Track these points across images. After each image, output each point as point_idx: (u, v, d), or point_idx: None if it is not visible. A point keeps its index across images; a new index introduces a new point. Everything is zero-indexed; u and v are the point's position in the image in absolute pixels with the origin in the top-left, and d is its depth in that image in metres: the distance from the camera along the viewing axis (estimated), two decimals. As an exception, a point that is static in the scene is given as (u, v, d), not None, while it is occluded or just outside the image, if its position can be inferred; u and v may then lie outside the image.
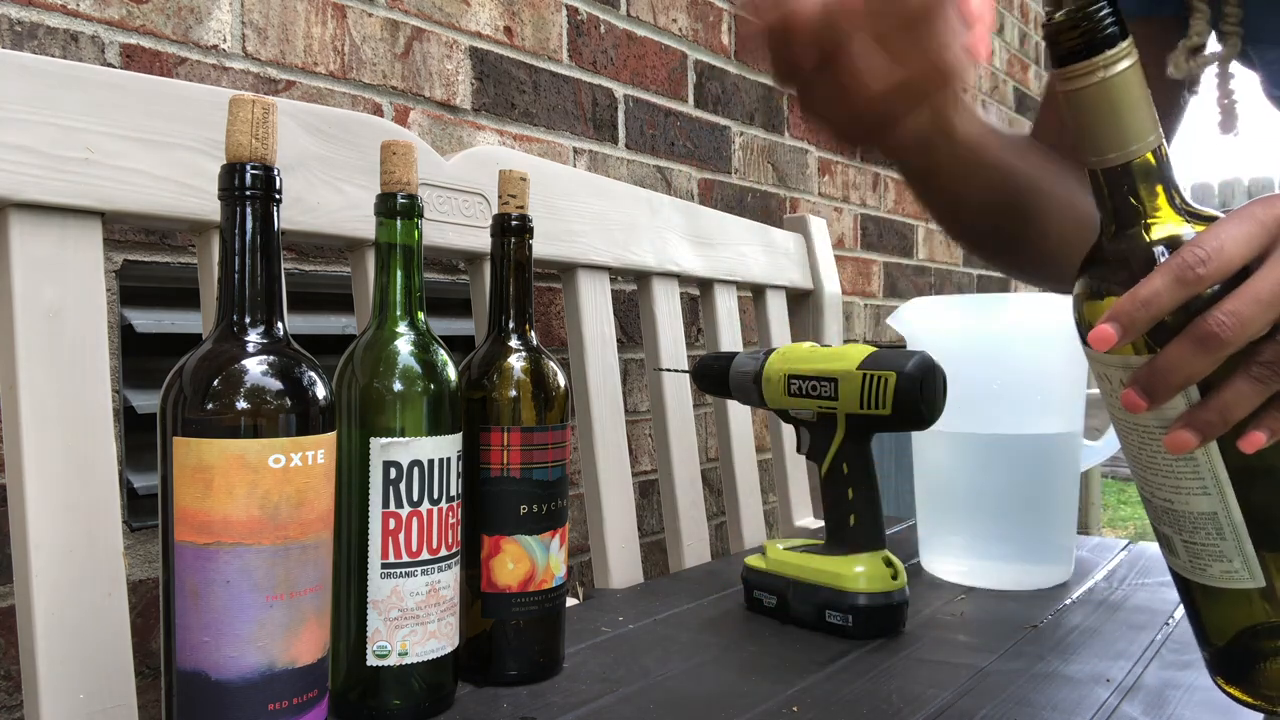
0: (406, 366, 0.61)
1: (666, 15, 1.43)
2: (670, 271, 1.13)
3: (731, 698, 0.65)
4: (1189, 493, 0.49)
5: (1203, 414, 0.46)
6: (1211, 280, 0.45)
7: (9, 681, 0.77)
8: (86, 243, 0.63)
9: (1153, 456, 0.49)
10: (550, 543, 0.68)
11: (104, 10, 0.81)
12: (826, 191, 1.84)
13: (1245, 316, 0.44)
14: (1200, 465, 0.48)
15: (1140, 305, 0.45)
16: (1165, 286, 0.45)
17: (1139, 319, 0.46)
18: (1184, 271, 0.45)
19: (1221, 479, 0.48)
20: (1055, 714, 0.62)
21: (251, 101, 0.51)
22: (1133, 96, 0.47)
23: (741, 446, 1.22)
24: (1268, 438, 0.46)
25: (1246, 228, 0.46)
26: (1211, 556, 0.49)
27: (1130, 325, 0.46)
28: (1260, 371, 0.45)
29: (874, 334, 2.01)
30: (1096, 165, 0.49)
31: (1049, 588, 0.92)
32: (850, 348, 0.80)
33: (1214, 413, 0.46)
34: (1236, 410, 0.46)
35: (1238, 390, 0.45)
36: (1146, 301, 0.45)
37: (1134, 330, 0.46)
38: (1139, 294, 0.45)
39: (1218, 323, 0.44)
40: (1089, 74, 0.47)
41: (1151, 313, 0.45)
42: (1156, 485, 0.50)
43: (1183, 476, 0.49)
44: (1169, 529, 0.51)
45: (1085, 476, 2.51)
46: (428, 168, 0.84)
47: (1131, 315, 0.46)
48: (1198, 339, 0.45)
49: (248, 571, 0.49)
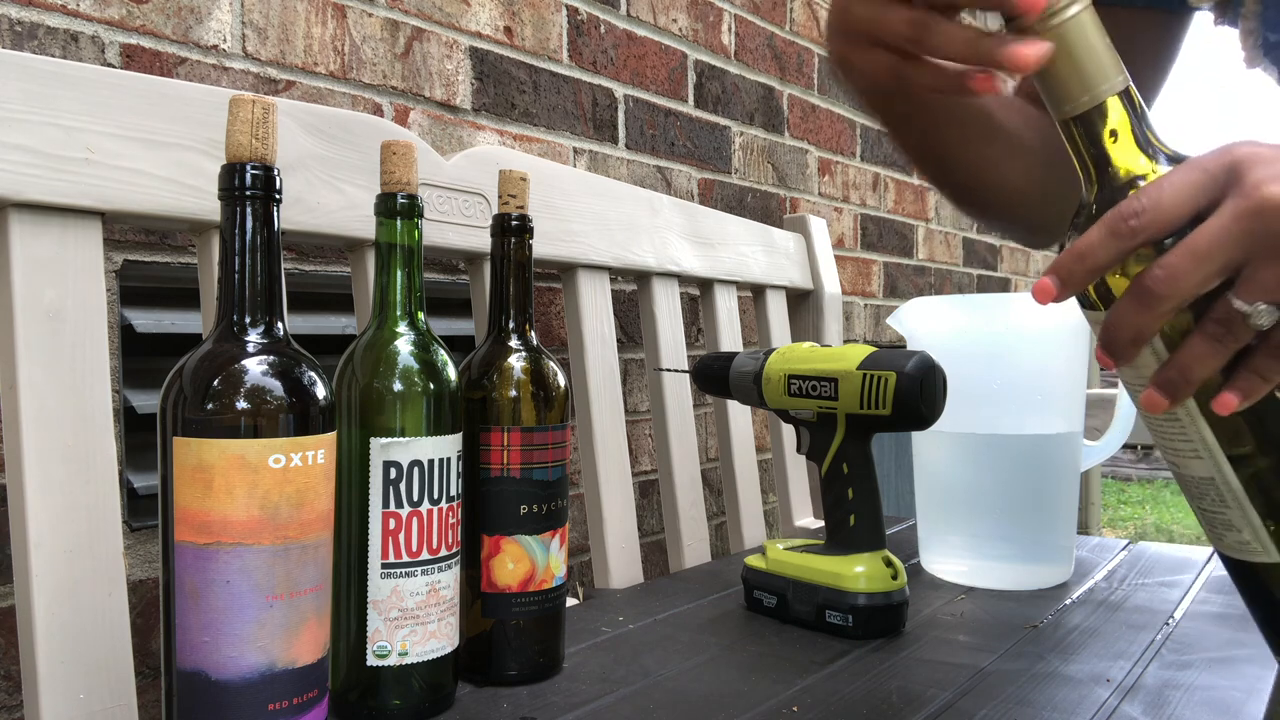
0: (406, 366, 0.61)
1: (666, 15, 1.43)
2: (670, 271, 1.13)
3: (731, 698, 0.65)
4: (1184, 454, 0.48)
5: (1164, 373, 0.46)
6: (1147, 233, 0.44)
7: (9, 681, 0.77)
8: (86, 243, 0.63)
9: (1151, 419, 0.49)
10: (550, 543, 0.68)
11: (104, 10, 0.81)
12: (826, 191, 1.84)
13: (1177, 268, 0.43)
14: (1186, 426, 0.47)
15: (1076, 258, 0.45)
16: (1100, 240, 0.44)
17: (1075, 272, 0.45)
18: (1117, 224, 0.44)
19: (1209, 442, 0.47)
20: (1055, 714, 0.62)
21: (251, 101, 0.51)
22: (1088, 40, 0.46)
23: (741, 446, 1.22)
24: (1239, 400, 0.45)
25: (1191, 177, 0.44)
26: (1222, 525, 0.49)
27: (1068, 279, 0.45)
28: (1214, 329, 0.44)
29: (874, 334, 2.01)
30: (1065, 115, 0.48)
31: (1049, 588, 0.92)
32: (850, 348, 0.80)
33: (1174, 370, 0.45)
34: (1195, 369, 0.45)
35: (1193, 349, 0.45)
36: (1081, 255, 0.45)
37: (1072, 283, 0.45)
38: (1077, 247, 0.45)
39: (1151, 277, 0.44)
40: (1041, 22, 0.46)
41: (1087, 265, 0.45)
42: (1164, 448, 0.50)
43: (1174, 438, 0.48)
44: (1189, 497, 0.51)
45: (1085, 476, 2.51)
46: (428, 168, 0.84)
47: (1069, 268, 0.45)
48: (1136, 294, 0.44)
49: (248, 571, 0.49)
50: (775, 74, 1.68)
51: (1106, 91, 0.47)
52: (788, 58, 1.72)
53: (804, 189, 1.77)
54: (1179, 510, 4.75)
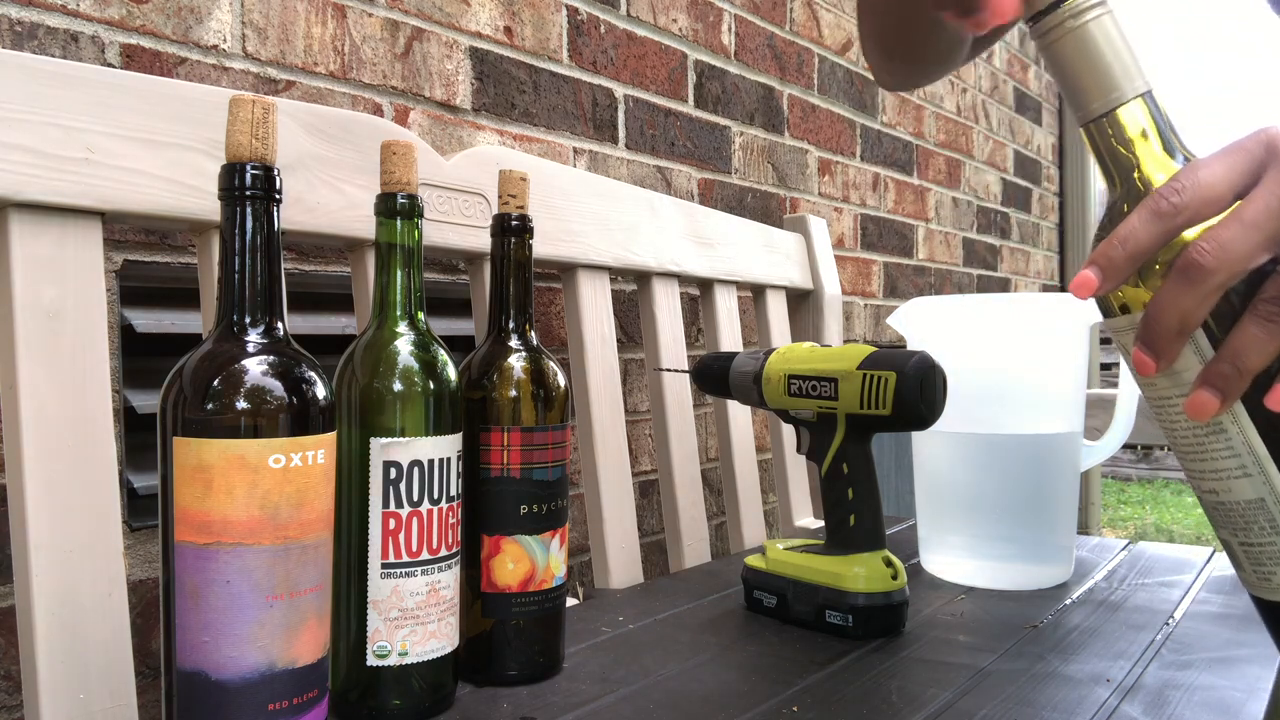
0: (406, 366, 0.61)
1: (666, 15, 1.43)
2: (670, 271, 1.13)
3: (731, 698, 0.65)
4: (1229, 476, 0.45)
5: (1215, 367, 0.43)
6: (1189, 211, 0.42)
7: (9, 681, 0.77)
8: (86, 243, 0.63)
9: (1186, 437, 0.46)
10: (550, 543, 0.68)
11: (104, 10, 0.81)
12: (826, 191, 1.84)
13: (1226, 239, 0.41)
14: (1233, 438, 0.44)
15: (1116, 245, 0.43)
16: (1141, 222, 0.43)
17: (1116, 259, 0.43)
18: (1158, 204, 0.43)
19: (1259, 453, 0.44)
20: (1055, 714, 0.62)
21: (251, 101, 0.51)
22: (1106, 44, 0.46)
23: (741, 446, 1.22)
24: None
25: (1229, 158, 0.43)
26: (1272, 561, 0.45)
27: (1109, 266, 0.44)
28: (1268, 310, 0.42)
29: (874, 334, 2.01)
30: (1086, 119, 0.47)
31: (1049, 588, 0.92)
32: (850, 348, 0.80)
33: (1226, 363, 0.42)
34: (1250, 356, 0.42)
35: (1246, 334, 0.42)
36: (1123, 239, 0.43)
37: (1114, 272, 0.43)
38: (1117, 234, 0.43)
39: (1198, 249, 0.42)
40: (1060, 25, 0.46)
41: (1129, 250, 0.43)
42: (1200, 473, 0.46)
43: (1218, 456, 0.45)
44: (1227, 533, 0.47)
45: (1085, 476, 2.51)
46: (428, 168, 0.84)
47: (1109, 256, 0.44)
48: (1181, 271, 0.42)
49: (248, 571, 0.49)
50: (775, 74, 1.68)
51: (1130, 93, 0.46)
52: (788, 58, 1.72)
53: (804, 189, 1.77)
54: (1179, 510, 4.75)
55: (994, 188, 2.64)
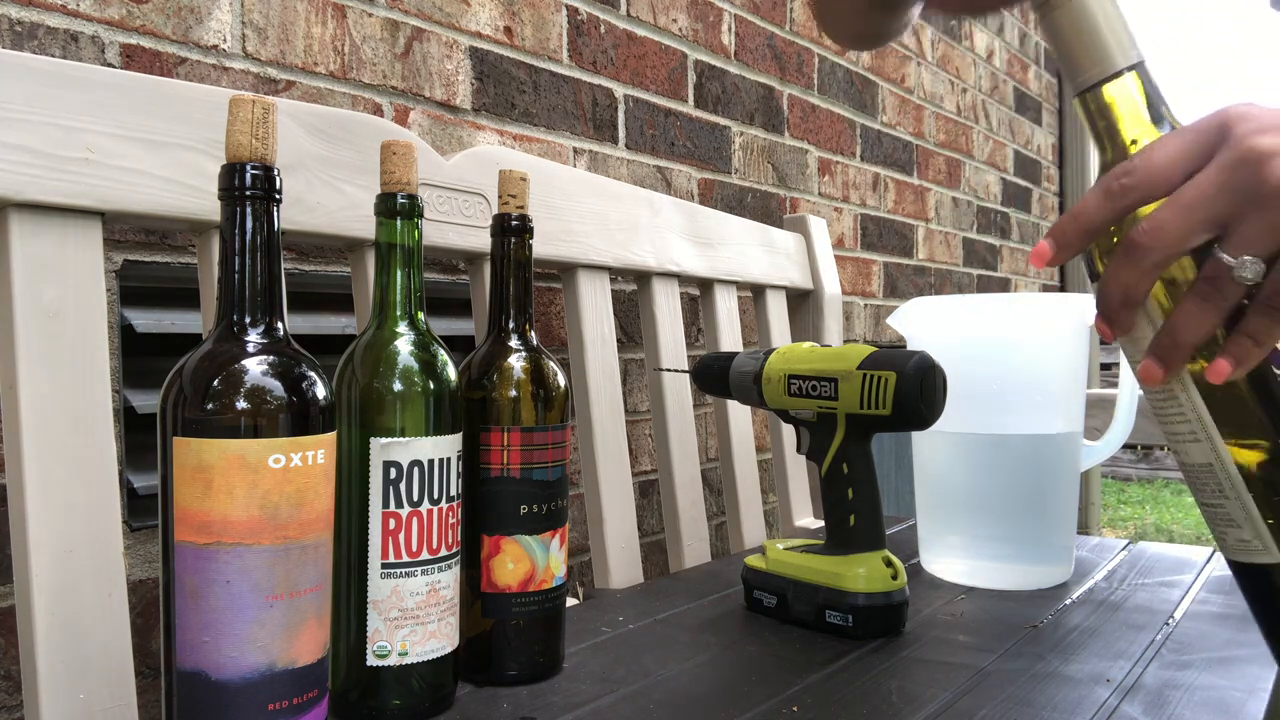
0: (406, 366, 0.61)
1: (666, 15, 1.43)
2: (670, 271, 1.13)
3: (731, 698, 0.65)
4: (1184, 439, 0.48)
5: (1158, 338, 0.46)
6: (1138, 192, 0.44)
7: (9, 681, 0.77)
8: (86, 243, 0.63)
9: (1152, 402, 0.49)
10: (550, 543, 0.68)
11: (104, 10, 0.81)
12: (826, 191, 1.84)
13: (1162, 221, 0.44)
14: (1184, 405, 0.47)
15: (1070, 219, 0.46)
16: (1093, 200, 0.45)
17: (1069, 233, 0.46)
18: (1109, 183, 0.45)
19: (1206, 420, 0.47)
20: (1055, 714, 0.62)
21: (251, 101, 0.51)
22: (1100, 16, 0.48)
23: (741, 446, 1.22)
24: (1232, 366, 0.44)
25: (1183, 139, 0.45)
26: (1224, 521, 0.49)
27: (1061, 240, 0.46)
28: (1204, 289, 0.44)
29: (874, 334, 2.01)
30: (1080, 87, 0.49)
31: (1049, 588, 0.92)
32: (850, 348, 0.80)
33: (1166, 335, 0.45)
34: (1186, 331, 0.45)
35: (1185, 311, 0.45)
36: (1075, 216, 0.46)
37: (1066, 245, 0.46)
38: (1073, 210, 0.46)
39: (1138, 230, 0.44)
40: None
41: (1080, 225, 0.46)
42: (1167, 435, 0.50)
43: (1174, 420, 0.48)
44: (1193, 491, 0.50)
45: (1085, 476, 2.51)
46: (428, 168, 0.84)
47: (1063, 229, 0.46)
48: (1124, 248, 0.45)
49: (248, 571, 0.49)
50: (775, 74, 1.68)
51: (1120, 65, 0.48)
52: (788, 58, 1.72)
53: (804, 189, 1.77)
54: (1179, 510, 4.75)
55: (994, 188, 2.64)
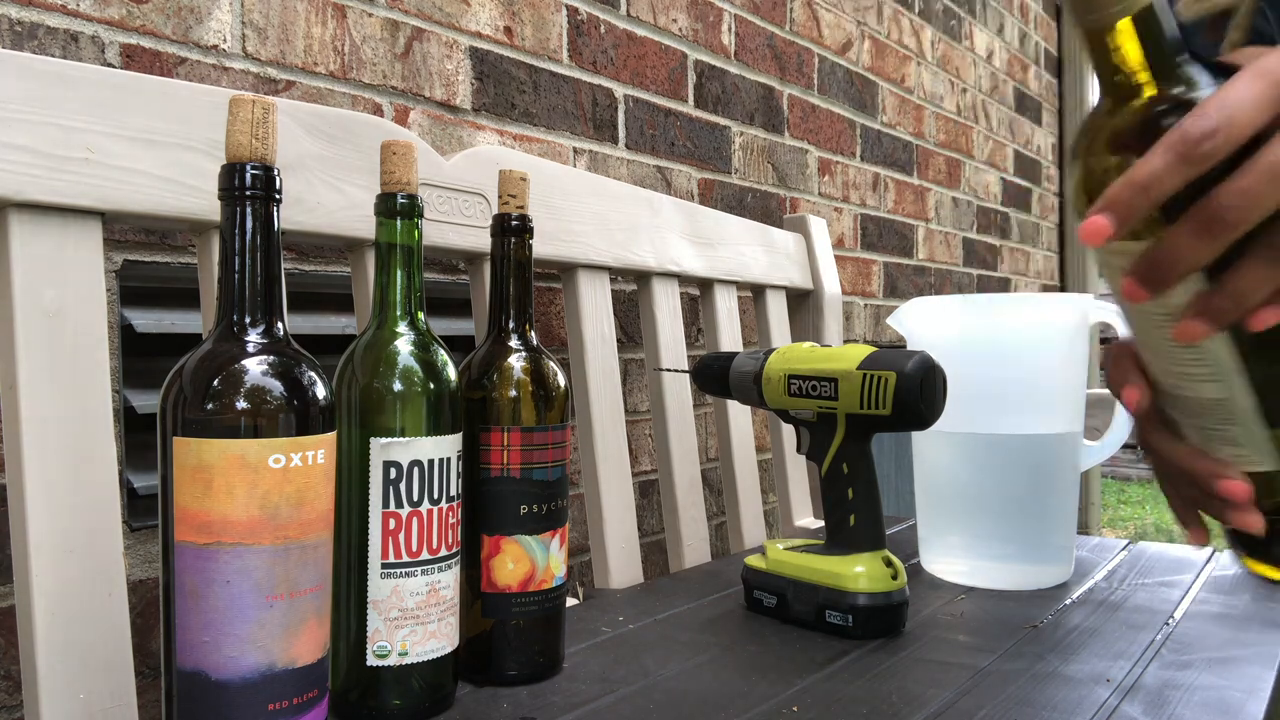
0: (406, 366, 0.61)
1: (666, 15, 1.43)
2: (670, 271, 1.13)
3: (731, 698, 0.65)
4: (1197, 379, 0.46)
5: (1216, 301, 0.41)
6: (1221, 155, 0.39)
7: (9, 681, 0.77)
8: (86, 243, 0.63)
9: (1159, 343, 0.46)
10: (550, 543, 0.68)
11: (104, 10, 0.81)
12: (826, 191, 1.84)
13: (1258, 194, 0.38)
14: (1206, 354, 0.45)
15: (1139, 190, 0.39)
16: (1166, 166, 0.39)
17: (1137, 206, 0.39)
18: (1188, 148, 0.38)
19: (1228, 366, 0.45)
20: (1055, 714, 0.62)
21: (251, 101, 0.51)
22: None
23: (741, 446, 1.22)
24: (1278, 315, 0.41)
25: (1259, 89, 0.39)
26: (1222, 440, 0.48)
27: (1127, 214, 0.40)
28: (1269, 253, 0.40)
29: (874, 334, 2.01)
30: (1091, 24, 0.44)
31: (1049, 588, 0.92)
32: (850, 348, 0.80)
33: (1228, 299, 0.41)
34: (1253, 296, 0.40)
35: (1254, 275, 0.40)
36: (1145, 185, 0.39)
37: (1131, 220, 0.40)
38: (1135, 177, 0.39)
39: (1227, 205, 0.39)
40: None
41: (1152, 197, 0.39)
42: (1163, 371, 0.48)
43: (1189, 364, 0.46)
44: (1178, 414, 0.49)
45: (1085, 476, 2.51)
46: (428, 168, 0.84)
47: (1129, 203, 0.40)
48: (1204, 223, 0.39)
49: (248, 571, 0.49)
50: (775, 74, 1.68)
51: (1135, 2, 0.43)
52: (788, 58, 1.72)
53: (804, 189, 1.77)
54: (1179, 510, 4.73)
55: (994, 188, 2.64)
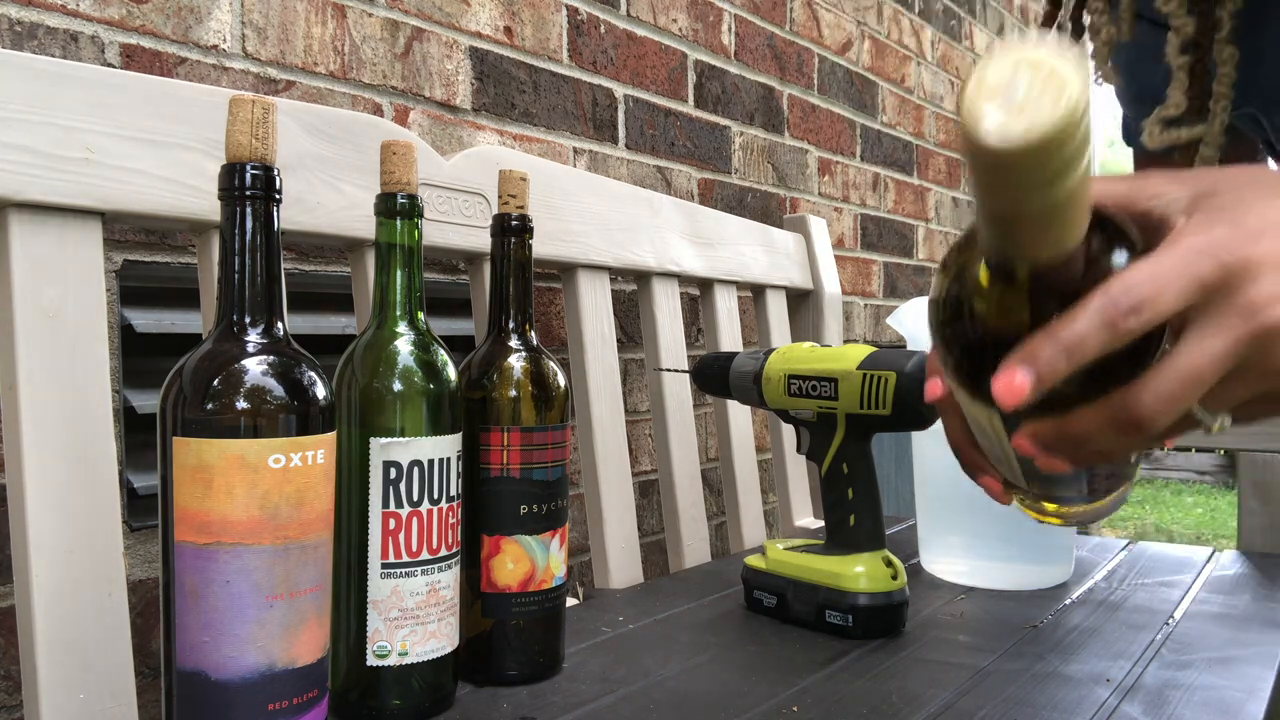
0: (406, 366, 0.61)
1: (666, 15, 1.42)
2: (670, 271, 1.13)
3: (731, 698, 0.65)
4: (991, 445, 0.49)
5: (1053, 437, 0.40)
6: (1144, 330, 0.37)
7: (9, 681, 0.77)
8: (86, 243, 0.63)
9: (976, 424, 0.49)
10: (550, 543, 0.68)
11: (104, 10, 0.81)
12: (826, 191, 1.84)
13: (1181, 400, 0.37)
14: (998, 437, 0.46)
15: (1063, 352, 0.36)
16: (1092, 330, 0.36)
17: (1059, 370, 0.37)
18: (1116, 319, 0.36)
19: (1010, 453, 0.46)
20: (1055, 714, 0.62)
21: (251, 101, 0.51)
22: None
23: (741, 446, 1.22)
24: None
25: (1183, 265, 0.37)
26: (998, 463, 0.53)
27: (1050, 375, 0.36)
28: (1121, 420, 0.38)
29: (874, 334, 2.01)
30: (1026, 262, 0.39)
31: (1049, 588, 0.92)
32: (850, 348, 0.80)
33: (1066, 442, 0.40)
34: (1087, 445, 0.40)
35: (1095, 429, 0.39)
36: (1069, 351, 0.36)
37: (1052, 383, 0.37)
38: (1061, 338, 0.36)
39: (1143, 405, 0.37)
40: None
41: (1074, 360, 0.36)
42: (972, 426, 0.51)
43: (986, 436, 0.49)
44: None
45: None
46: (428, 168, 0.84)
47: (1051, 364, 0.36)
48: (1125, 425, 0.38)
49: (247, 571, 0.49)
50: (775, 74, 1.68)
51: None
52: (788, 58, 1.72)
53: (804, 189, 1.77)
54: (1179, 510, 4.75)
55: (994, 188, 2.64)
